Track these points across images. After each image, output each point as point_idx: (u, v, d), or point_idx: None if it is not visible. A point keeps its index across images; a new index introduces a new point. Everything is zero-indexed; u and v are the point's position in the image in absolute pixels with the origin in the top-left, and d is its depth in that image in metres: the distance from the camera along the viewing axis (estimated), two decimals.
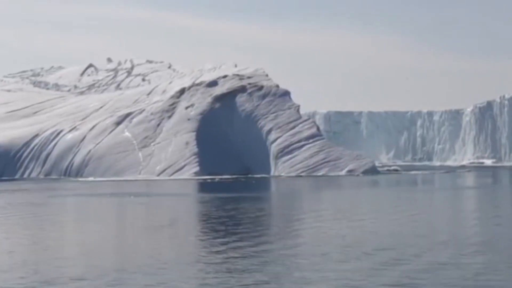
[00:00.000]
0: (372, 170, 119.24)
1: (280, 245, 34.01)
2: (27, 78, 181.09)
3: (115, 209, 62.28)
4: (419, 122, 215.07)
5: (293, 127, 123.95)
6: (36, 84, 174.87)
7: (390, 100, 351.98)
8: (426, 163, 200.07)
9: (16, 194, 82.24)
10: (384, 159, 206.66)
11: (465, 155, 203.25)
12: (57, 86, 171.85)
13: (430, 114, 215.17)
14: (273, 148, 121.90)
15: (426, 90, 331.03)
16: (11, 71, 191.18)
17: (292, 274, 26.42)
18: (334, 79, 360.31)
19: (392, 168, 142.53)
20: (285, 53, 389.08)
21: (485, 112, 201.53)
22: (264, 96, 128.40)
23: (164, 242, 37.28)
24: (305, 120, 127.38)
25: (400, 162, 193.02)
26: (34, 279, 25.99)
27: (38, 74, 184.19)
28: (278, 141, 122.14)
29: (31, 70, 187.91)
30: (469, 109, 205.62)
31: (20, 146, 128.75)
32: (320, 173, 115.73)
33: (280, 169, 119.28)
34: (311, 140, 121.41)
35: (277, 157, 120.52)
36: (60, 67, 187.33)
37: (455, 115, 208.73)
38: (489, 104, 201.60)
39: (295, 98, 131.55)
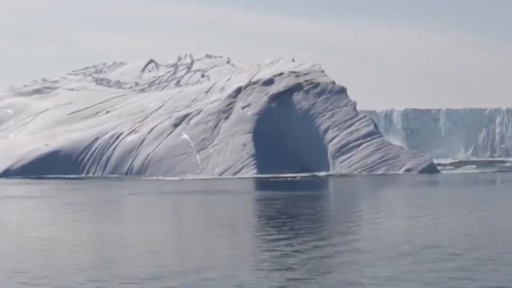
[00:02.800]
0: (431, 169, 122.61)
1: (351, 243, 35.24)
2: (89, 75, 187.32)
3: (183, 206, 65.82)
4: (498, 119, 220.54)
5: (350, 125, 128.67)
6: (98, 81, 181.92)
7: (468, 97, 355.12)
8: (504, 159, 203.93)
9: (90, 191, 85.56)
10: (462, 156, 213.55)
11: None
12: (118, 84, 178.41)
13: (510, 111, 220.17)
14: (331, 148, 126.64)
15: (505, 87, 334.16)
16: (75, 68, 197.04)
17: (364, 274, 27.03)
18: (411, 77, 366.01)
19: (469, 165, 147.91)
20: (359, 52, 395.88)
21: None
22: (320, 94, 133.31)
23: (232, 239, 38.44)
24: (362, 118, 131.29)
25: (475, 159, 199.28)
26: (107, 278, 27.01)
27: (101, 71, 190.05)
28: (335, 140, 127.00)
29: (94, 67, 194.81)
30: None
31: (81, 150, 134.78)
32: (378, 172, 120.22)
33: (338, 168, 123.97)
34: (368, 138, 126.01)
35: (335, 157, 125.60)
36: (122, 63, 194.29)
37: None
38: None
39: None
